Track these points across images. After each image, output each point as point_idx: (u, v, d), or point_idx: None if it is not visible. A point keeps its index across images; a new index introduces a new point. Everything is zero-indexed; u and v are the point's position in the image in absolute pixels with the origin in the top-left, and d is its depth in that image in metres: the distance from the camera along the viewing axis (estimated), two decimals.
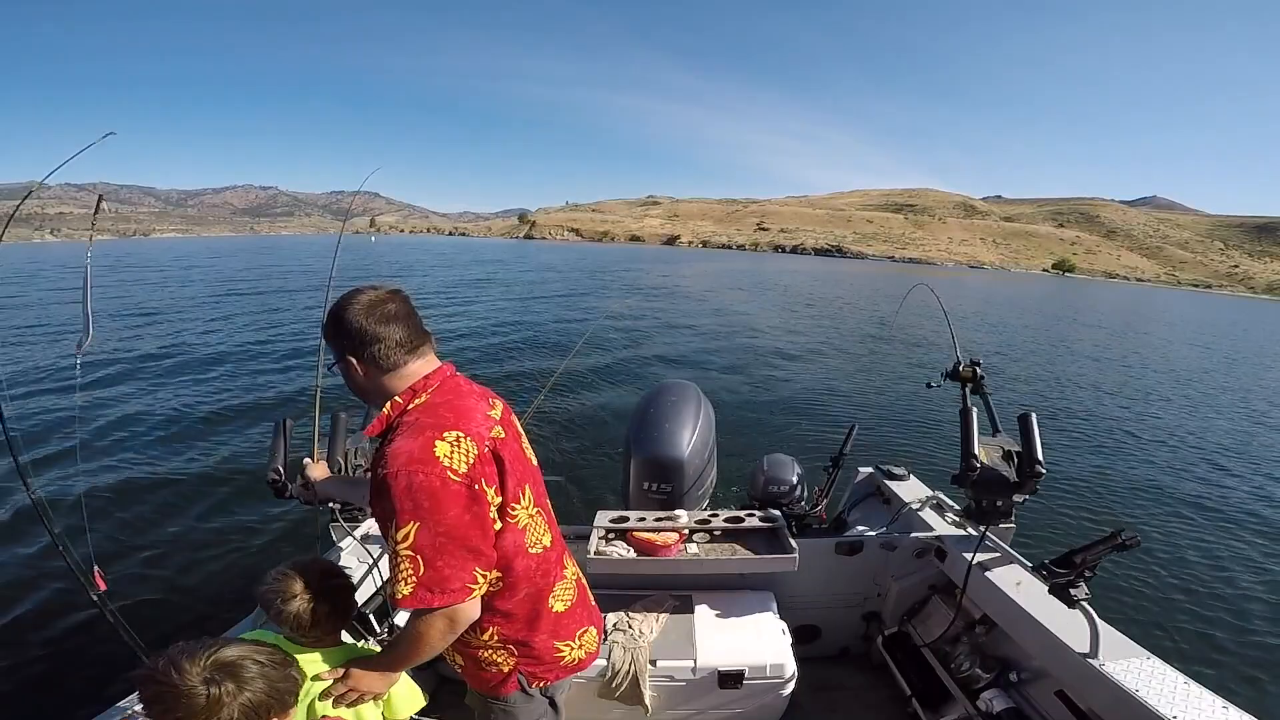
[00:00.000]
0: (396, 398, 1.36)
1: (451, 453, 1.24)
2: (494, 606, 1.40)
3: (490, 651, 1.47)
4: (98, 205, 1.61)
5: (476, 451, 1.28)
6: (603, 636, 1.69)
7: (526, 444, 1.56)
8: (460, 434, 1.28)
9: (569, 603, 1.56)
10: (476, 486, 1.26)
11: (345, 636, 1.64)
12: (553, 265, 48.76)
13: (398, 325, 1.35)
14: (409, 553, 1.20)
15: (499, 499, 1.33)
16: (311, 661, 1.53)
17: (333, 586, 1.54)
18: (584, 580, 1.71)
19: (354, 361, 1.34)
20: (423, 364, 1.40)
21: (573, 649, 1.56)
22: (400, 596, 1.22)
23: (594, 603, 1.71)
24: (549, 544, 1.50)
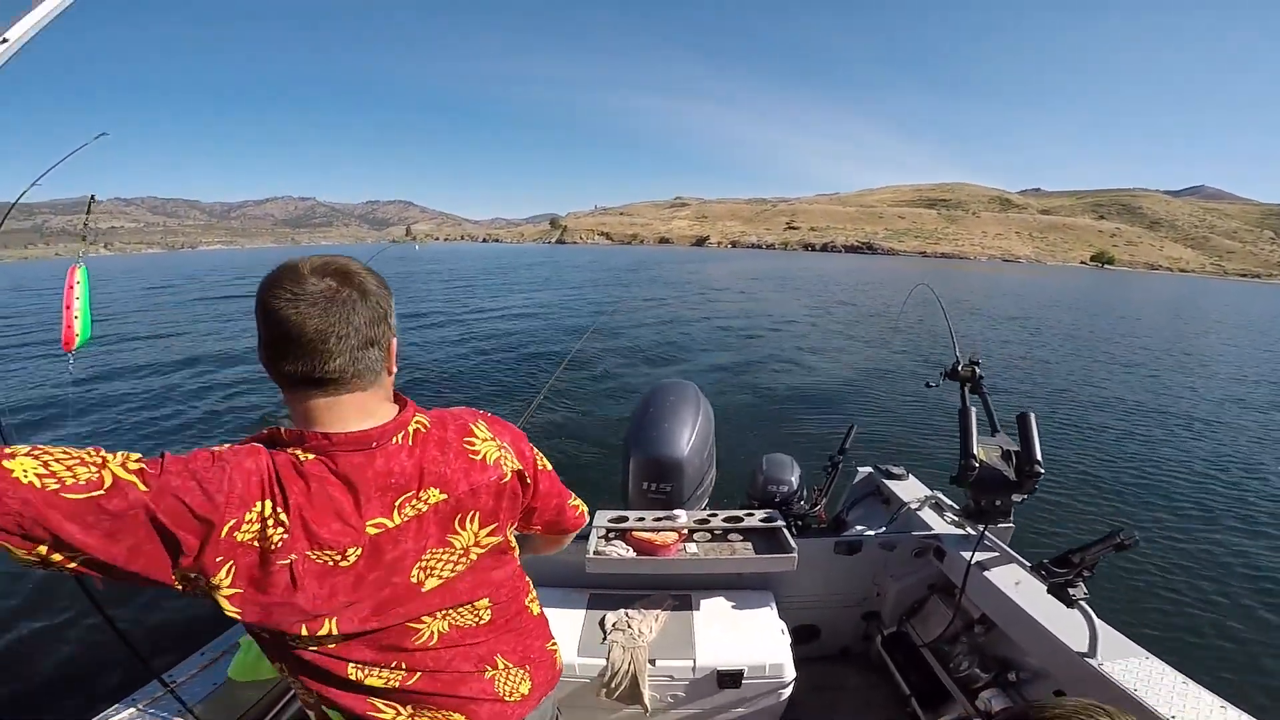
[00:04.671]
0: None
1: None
2: None
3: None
4: (89, 206, 1.64)
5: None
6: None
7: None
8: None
9: (391, 692, 1.13)
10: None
11: None
12: (587, 265, 49.40)
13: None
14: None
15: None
16: None
17: None
18: (453, 678, 1.18)
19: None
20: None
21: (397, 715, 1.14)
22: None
23: (469, 695, 1.21)
24: (330, 646, 1.03)
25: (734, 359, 12.83)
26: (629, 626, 2.25)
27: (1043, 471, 2.24)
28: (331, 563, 0.96)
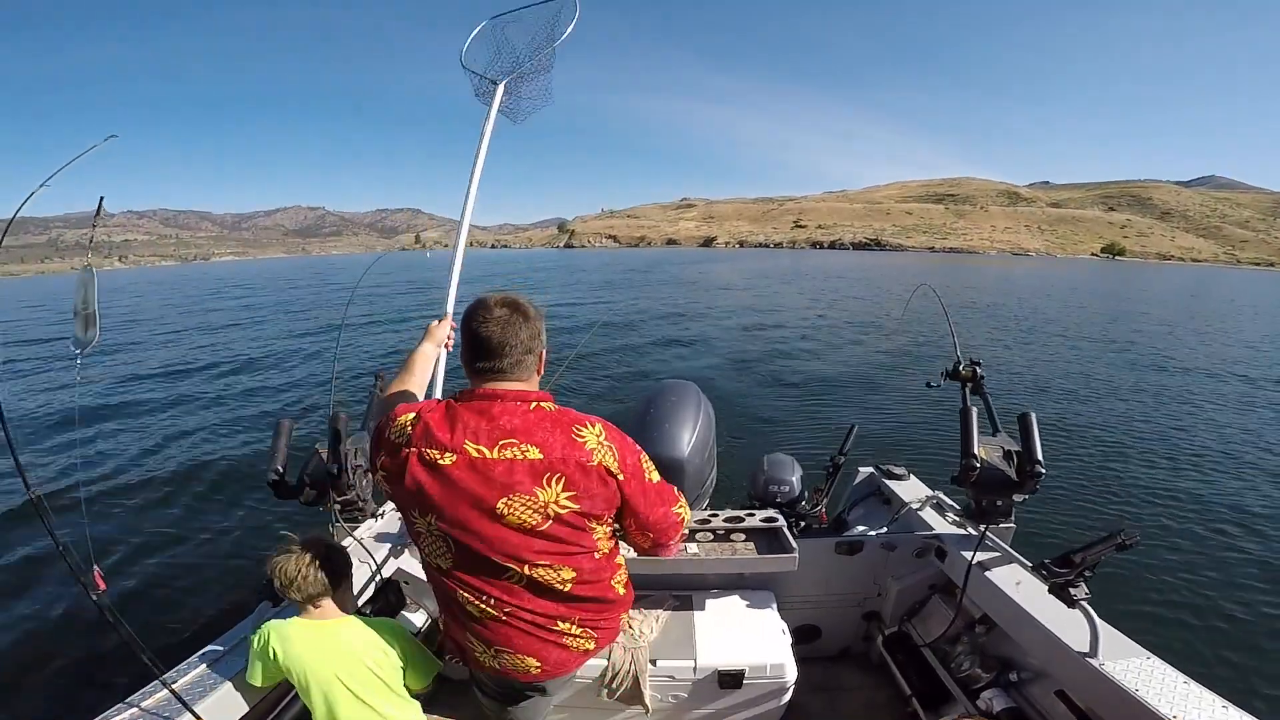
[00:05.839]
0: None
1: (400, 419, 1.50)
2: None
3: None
4: (99, 209, 1.64)
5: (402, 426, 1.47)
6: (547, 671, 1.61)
7: (529, 528, 1.45)
8: (409, 416, 1.48)
9: (485, 624, 1.54)
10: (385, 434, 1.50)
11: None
12: (599, 268, 49.67)
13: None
14: None
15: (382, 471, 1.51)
16: (319, 630, 1.67)
17: (311, 557, 1.69)
18: (531, 623, 1.55)
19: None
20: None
21: (484, 653, 1.58)
22: None
23: (544, 639, 1.57)
24: (446, 567, 1.51)
25: (735, 359, 12.83)
26: (630, 627, 2.23)
27: (1044, 471, 2.22)
28: (432, 459, 1.41)
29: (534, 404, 1.46)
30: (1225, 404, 10.66)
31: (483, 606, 1.51)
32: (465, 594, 1.51)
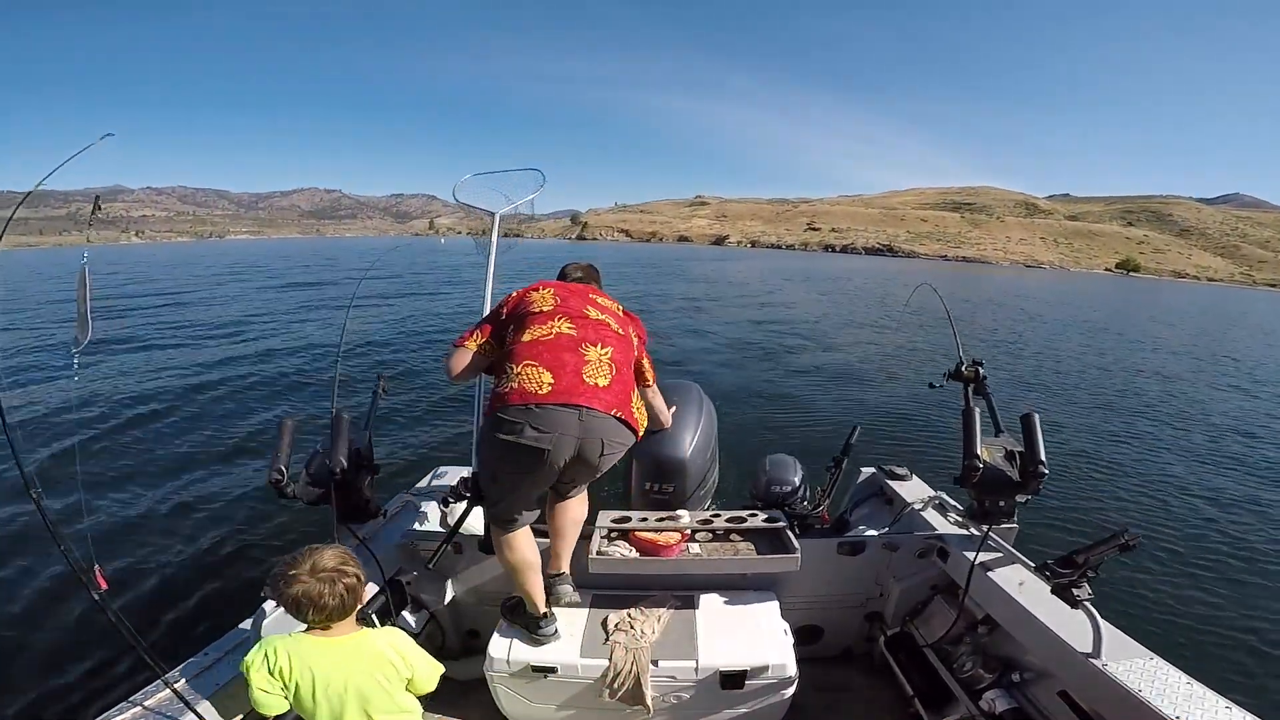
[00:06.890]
0: None
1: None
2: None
3: None
4: (95, 206, 1.64)
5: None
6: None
7: (600, 310, 2.29)
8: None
9: (540, 345, 2.09)
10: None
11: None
12: (617, 264, 49.76)
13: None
14: None
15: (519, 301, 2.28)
16: (328, 645, 1.62)
17: (334, 576, 1.60)
18: (570, 345, 2.10)
19: None
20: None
21: (511, 379, 2.02)
22: None
23: (566, 358, 2.06)
24: (550, 308, 2.20)
25: (738, 359, 12.73)
26: (631, 627, 2.26)
27: (1046, 472, 2.23)
28: (562, 289, 2.34)
29: (610, 299, 2.42)
30: (1230, 406, 10.62)
31: (551, 329, 2.12)
32: (550, 322, 2.14)
